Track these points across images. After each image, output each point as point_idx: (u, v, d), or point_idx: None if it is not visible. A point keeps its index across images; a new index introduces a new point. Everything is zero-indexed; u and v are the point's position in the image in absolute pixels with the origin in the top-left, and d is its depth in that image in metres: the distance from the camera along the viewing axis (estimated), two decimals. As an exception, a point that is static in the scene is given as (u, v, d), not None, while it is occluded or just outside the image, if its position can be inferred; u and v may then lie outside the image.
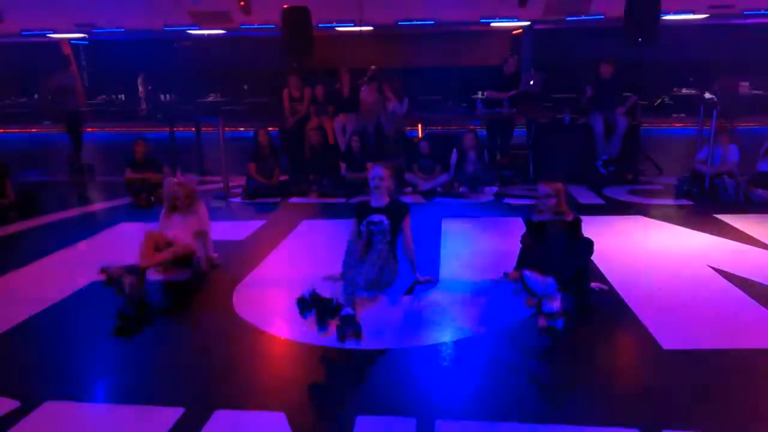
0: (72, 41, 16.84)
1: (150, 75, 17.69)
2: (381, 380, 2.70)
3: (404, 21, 14.64)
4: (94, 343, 3.18)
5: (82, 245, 5.07)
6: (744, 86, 15.80)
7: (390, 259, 3.69)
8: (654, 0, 7.62)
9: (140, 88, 17.88)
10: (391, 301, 3.59)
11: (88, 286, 3.95)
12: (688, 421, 2.30)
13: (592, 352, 2.95)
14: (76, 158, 9.27)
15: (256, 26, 14.46)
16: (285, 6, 8.46)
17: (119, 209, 6.52)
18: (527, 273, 3.45)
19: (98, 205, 6.88)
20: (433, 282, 3.88)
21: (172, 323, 3.47)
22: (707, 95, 12.69)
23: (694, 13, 13.42)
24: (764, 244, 4.63)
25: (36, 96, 18.27)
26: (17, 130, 16.68)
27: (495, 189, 6.87)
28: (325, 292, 3.21)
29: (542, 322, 3.13)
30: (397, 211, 3.83)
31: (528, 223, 3.76)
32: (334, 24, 14.42)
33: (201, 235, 4.16)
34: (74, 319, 3.48)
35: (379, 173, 3.80)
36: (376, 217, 3.69)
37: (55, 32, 15.84)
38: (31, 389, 2.64)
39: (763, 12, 13.88)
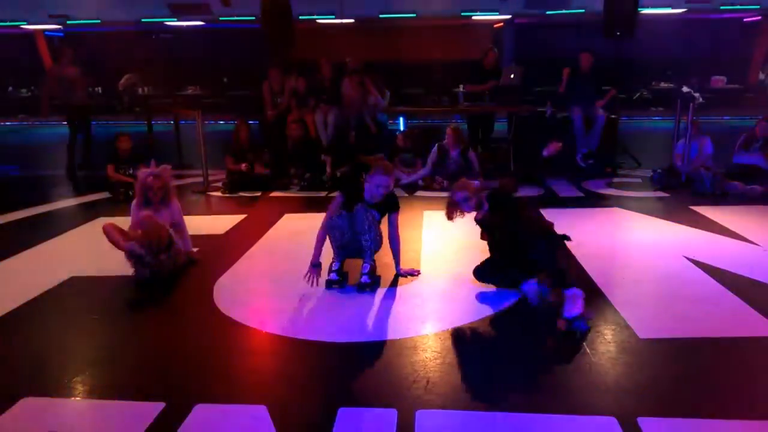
0: (46, 32, 16.47)
1: (138, 74, 17.31)
2: (362, 372, 2.71)
3: (385, 13, 14.61)
4: (73, 338, 3.14)
5: (58, 240, 4.99)
6: (720, 80, 16.05)
7: (377, 227, 3.74)
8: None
9: (122, 81, 17.53)
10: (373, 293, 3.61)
11: (66, 281, 3.90)
12: (664, 410, 2.34)
13: (568, 341, 2.99)
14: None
15: (235, 18, 14.31)
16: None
17: (97, 204, 6.42)
18: (526, 289, 3.35)
19: (75, 200, 6.76)
20: (415, 274, 3.90)
21: (152, 318, 3.44)
22: (685, 89, 12.86)
23: (672, 7, 13.62)
24: (739, 235, 4.73)
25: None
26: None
27: (477, 183, 6.88)
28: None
29: (562, 325, 3.03)
30: (388, 206, 3.85)
31: (477, 223, 3.79)
32: (315, 16, 14.33)
33: (174, 227, 4.11)
34: (52, 315, 3.42)
35: (385, 182, 3.72)
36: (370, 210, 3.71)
37: (28, 23, 15.50)
38: (8, 385, 2.60)
39: (739, 7, 14.12)
